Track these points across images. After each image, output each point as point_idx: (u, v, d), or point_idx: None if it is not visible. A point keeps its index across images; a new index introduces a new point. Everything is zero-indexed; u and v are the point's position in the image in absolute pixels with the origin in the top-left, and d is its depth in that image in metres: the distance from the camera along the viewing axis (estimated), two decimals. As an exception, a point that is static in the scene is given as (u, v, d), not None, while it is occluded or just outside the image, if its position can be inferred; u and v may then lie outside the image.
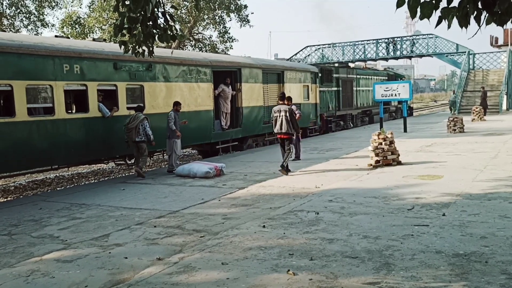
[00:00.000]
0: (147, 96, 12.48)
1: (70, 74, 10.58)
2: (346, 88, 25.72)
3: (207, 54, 16.75)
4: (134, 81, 12.16)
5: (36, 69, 9.95)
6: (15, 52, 9.52)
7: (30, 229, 6.87)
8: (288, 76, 18.96)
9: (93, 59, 11.07)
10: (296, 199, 7.97)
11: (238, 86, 16.07)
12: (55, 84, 10.26)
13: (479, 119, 23.69)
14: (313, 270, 4.62)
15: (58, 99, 10.29)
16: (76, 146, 10.69)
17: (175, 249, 5.56)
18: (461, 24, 3.74)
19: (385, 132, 11.23)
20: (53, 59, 10.23)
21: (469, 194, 7.62)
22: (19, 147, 9.60)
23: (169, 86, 13.23)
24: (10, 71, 9.46)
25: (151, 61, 12.19)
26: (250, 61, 17.56)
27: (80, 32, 27.53)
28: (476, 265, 4.53)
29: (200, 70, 14.34)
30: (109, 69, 11.45)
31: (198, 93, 14.26)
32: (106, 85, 11.53)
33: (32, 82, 9.92)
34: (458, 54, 34.72)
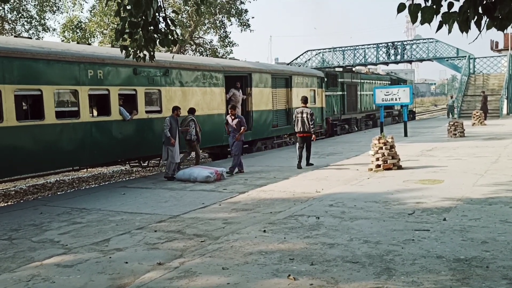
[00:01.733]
0: (164, 100, 12.95)
1: (94, 79, 11.05)
2: (351, 92, 26.04)
3: (219, 60, 17.13)
4: (152, 85, 12.68)
5: (63, 74, 10.43)
6: (45, 59, 10.03)
7: (30, 233, 6.86)
8: (295, 81, 19.38)
9: (115, 65, 11.52)
10: (296, 204, 7.96)
11: (248, 91, 16.50)
12: (80, 89, 10.74)
13: (479, 124, 23.70)
14: (313, 275, 4.61)
15: (83, 103, 10.77)
16: (99, 147, 11.16)
17: (175, 254, 5.55)
18: (462, 29, 3.75)
19: (385, 136, 11.24)
20: (78, 65, 10.71)
21: (470, 199, 7.62)
22: (48, 149, 10.10)
23: (185, 91, 13.71)
24: (40, 77, 9.96)
25: (168, 66, 12.94)
26: (260, 66, 18.03)
27: (81, 37, 27.60)
28: (477, 270, 4.52)
29: (213, 75, 14.81)
30: (129, 74, 11.95)
31: (211, 97, 14.73)
32: (127, 89, 12.03)
33: (60, 87, 10.52)
34: (458, 58, 34.77)
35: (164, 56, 13.92)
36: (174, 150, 11.38)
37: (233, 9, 29.99)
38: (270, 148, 18.09)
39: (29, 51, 9.88)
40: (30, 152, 9.79)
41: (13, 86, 9.47)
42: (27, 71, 9.77)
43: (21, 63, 9.64)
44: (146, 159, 13.32)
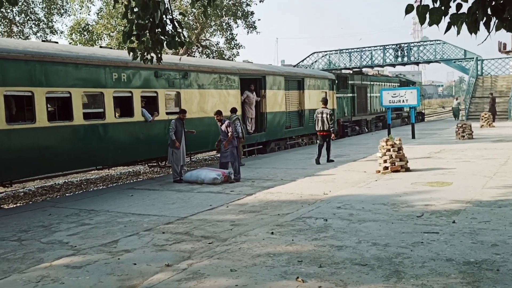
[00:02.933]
0: (183, 102, 13.41)
1: (118, 82, 11.56)
2: (361, 94, 26.29)
3: (235, 63, 17.61)
4: (172, 88, 13.17)
5: (90, 77, 10.94)
6: (74, 63, 10.54)
7: (39, 235, 6.90)
8: (307, 83, 19.86)
9: (137, 68, 11.91)
10: (304, 206, 7.95)
11: (262, 93, 16.91)
12: (106, 91, 11.24)
13: (488, 126, 23.56)
14: (322, 277, 4.60)
15: (108, 104, 11.27)
16: (122, 147, 11.65)
17: (183, 256, 5.56)
18: (471, 31, 3.73)
19: (393, 138, 11.20)
20: (104, 69, 11.21)
21: (479, 201, 7.56)
22: (76, 148, 10.60)
23: (202, 93, 14.23)
24: (69, 80, 10.47)
25: (186, 69, 13.50)
26: (273, 69, 18.64)
27: (88, 39, 27.75)
28: (487, 273, 4.49)
29: (229, 78, 15.33)
30: (150, 77, 12.43)
31: (228, 99, 15.17)
32: (148, 91, 12.50)
33: (87, 89, 10.96)
34: (466, 60, 34.63)
35: (183, 59, 14.35)
36: (179, 152, 11.38)
37: (239, 11, 30.03)
38: (283, 148, 18.53)
39: (59, 56, 10.34)
40: (59, 152, 10.26)
41: (44, 88, 9.93)
42: (57, 74, 10.25)
43: (52, 67, 10.13)
44: (164, 159, 13.72)
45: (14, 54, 9.50)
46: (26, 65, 9.66)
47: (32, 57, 9.76)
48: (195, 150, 14.18)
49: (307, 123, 19.80)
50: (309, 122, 19.93)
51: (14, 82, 9.54)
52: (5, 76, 9.34)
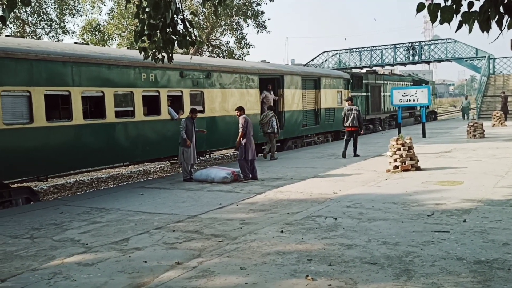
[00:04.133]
0: (206, 101, 14.04)
1: (147, 81, 12.13)
2: (375, 93, 26.51)
3: (254, 63, 17.99)
4: (196, 87, 13.74)
5: (121, 78, 11.52)
6: (106, 64, 11.13)
7: (51, 232, 6.98)
8: (323, 83, 20.31)
9: (164, 68, 12.40)
10: (314, 205, 7.95)
11: (280, 92, 17.41)
12: (135, 91, 11.83)
13: (499, 125, 23.34)
14: (332, 275, 4.60)
15: (138, 103, 11.85)
16: (149, 144, 12.14)
17: (193, 254, 5.59)
18: (483, 29, 3.71)
19: (403, 137, 11.14)
20: (134, 69, 11.79)
21: (491, 200, 7.51)
22: (108, 144, 11.22)
23: (224, 92, 14.80)
24: (102, 80, 11.08)
25: (210, 69, 14.10)
26: (291, 69, 19.21)
27: (100, 39, 27.95)
28: (498, 272, 4.46)
29: (249, 78, 15.92)
30: (176, 77, 13.02)
31: (248, 98, 15.78)
32: (174, 91, 13.07)
33: (118, 89, 11.49)
34: (477, 58, 34.32)
35: (206, 60, 15.13)
36: (189, 151, 11.42)
37: (250, 10, 30.06)
38: (299, 146, 18.99)
39: (94, 57, 10.92)
40: (93, 148, 10.84)
41: (80, 88, 10.54)
42: (92, 75, 10.85)
43: (87, 68, 10.74)
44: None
45: (53, 56, 10.08)
46: (64, 67, 10.26)
47: (69, 59, 10.32)
48: (216, 147, 14.72)
49: (323, 121, 20.21)
50: (325, 121, 20.39)
51: (54, 82, 10.12)
52: (46, 76, 9.94)
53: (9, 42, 9.85)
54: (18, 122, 9.48)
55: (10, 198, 9.91)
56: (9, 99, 9.36)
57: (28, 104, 9.62)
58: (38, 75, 9.82)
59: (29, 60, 9.62)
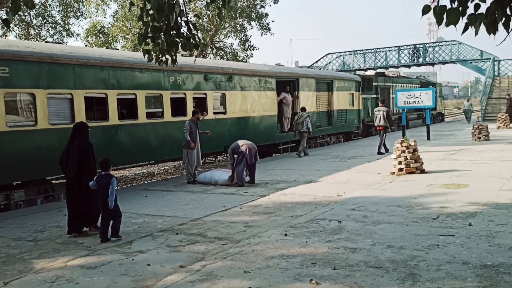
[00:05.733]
0: (228, 102, 14.70)
1: (174, 85, 12.79)
2: (384, 95, 26.70)
3: (272, 66, 18.53)
4: (219, 90, 14.40)
5: (151, 81, 12.19)
6: (139, 68, 11.70)
7: (55, 235, 6.97)
8: (336, 85, 20.93)
9: (190, 72, 13.26)
10: (318, 208, 7.91)
11: (296, 94, 18.04)
12: (164, 93, 12.46)
13: (504, 127, 23.23)
14: (336, 279, 4.56)
15: (166, 105, 12.48)
16: (176, 144, 12.44)
17: (197, 257, 5.56)
18: (489, 31, 3.66)
19: (408, 140, 11.09)
20: (163, 73, 12.40)
21: (496, 204, 7.45)
22: (140, 144, 11.82)
23: (244, 94, 15.45)
24: (134, 83, 11.72)
25: (231, 73, 14.89)
26: (306, 72, 20.05)
27: (104, 41, 28.00)
28: (505, 277, 4.41)
29: (267, 80, 16.57)
30: (201, 80, 13.71)
31: (266, 100, 16.47)
32: (199, 93, 13.72)
33: (149, 91, 12.15)
34: (482, 60, 34.19)
35: (228, 63, 15.79)
36: (193, 153, 11.39)
37: (254, 13, 30.05)
38: (313, 147, 19.40)
39: (128, 62, 11.58)
40: (126, 147, 11.46)
41: (116, 91, 11.21)
42: (126, 78, 11.52)
43: (122, 72, 11.41)
44: (205, 156, 15.02)
45: (93, 61, 10.77)
46: (102, 71, 10.96)
47: (106, 63, 11.02)
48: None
49: (336, 123, 20.79)
50: (337, 122, 20.93)
51: (92, 85, 10.80)
52: (86, 80, 10.60)
53: (53, 48, 10.53)
54: (61, 122, 10.10)
55: (53, 193, 10.56)
56: (54, 101, 10.02)
57: (70, 106, 10.29)
58: (79, 79, 10.49)
59: (72, 65, 10.31)
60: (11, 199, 9.60)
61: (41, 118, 9.66)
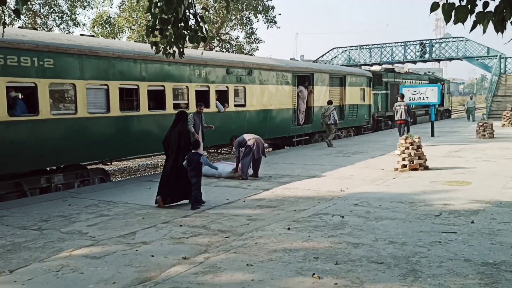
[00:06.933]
0: (247, 95, 15.28)
1: (199, 77, 13.36)
2: (393, 91, 26.97)
3: (288, 61, 19.13)
4: (239, 83, 14.98)
5: (179, 74, 12.73)
6: (167, 61, 11.97)
7: (59, 224, 7.03)
8: (348, 80, 21.49)
9: (213, 65, 13.85)
10: (321, 202, 7.94)
11: (310, 88, 18.64)
12: (190, 86, 13.05)
13: (509, 125, 23.16)
14: (338, 274, 4.60)
15: (191, 97, 13.03)
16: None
17: (200, 249, 5.61)
18: (497, 29, 3.66)
19: (412, 136, 11.08)
20: (189, 66, 12.99)
21: (499, 202, 7.46)
22: None
23: (262, 88, 16.03)
24: (163, 75, 12.30)
25: (251, 67, 15.42)
26: (320, 67, 20.58)
27: (110, 32, 28.01)
28: (506, 275, 4.44)
29: (284, 75, 17.12)
30: (223, 73, 14.27)
31: (282, 94, 17.02)
32: (221, 86, 14.24)
33: (176, 84, 12.74)
34: (489, 57, 34.00)
35: (248, 58, 16.43)
36: None
37: (260, 5, 29.97)
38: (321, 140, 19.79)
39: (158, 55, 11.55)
40: (155, 136, 11.65)
41: (146, 82, 11.78)
42: (156, 71, 12.05)
43: (152, 64, 11.94)
44: (222, 146, 15.76)
45: (127, 54, 11.33)
46: (134, 63, 11.50)
47: (139, 56, 11.51)
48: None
49: (347, 117, 21.30)
50: (349, 116, 21.42)
51: (126, 77, 11.36)
52: (120, 72, 11.18)
53: (91, 41, 11.12)
54: (98, 111, 10.76)
55: (88, 178, 11.22)
56: (91, 92, 10.61)
57: (106, 96, 10.88)
58: (114, 71, 11.07)
59: (108, 58, 10.90)
60: (51, 182, 10.32)
61: (80, 107, 10.30)
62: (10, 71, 9.12)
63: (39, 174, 10.25)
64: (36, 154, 9.58)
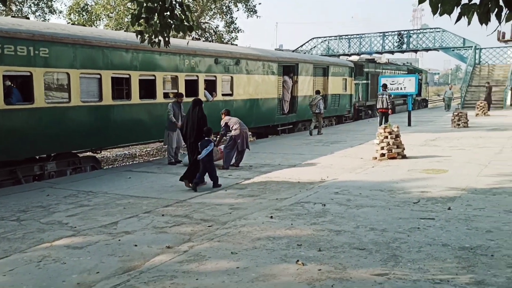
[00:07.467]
0: (235, 85, 15.51)
1: (188, 67, 13.54)
2: (374, 81, 27.43)
3: (274, 51, 19.55)
4: (227, 73, 15.19)
5: (169, 64, 12.86)
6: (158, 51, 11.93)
7: (38, 215, 6.93)
8: (331, 70, 21.90)
9: (202, 55, 14.06)
10: (302, 191, 8.02)
11: (295, 78, 18.95)
12: (180, 75, 13.22)
13: (483, 114, 23.67)
14: (321, 260, 4.68)
15: (181, 86, 13.17)
16: None
17: (184, 238, 5.62)
18: (482, 21, 3.74)
19: (391, 125, 11.25)
20: (179, 56, 13.17)
21: (474, 189, 7.66)
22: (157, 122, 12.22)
23: (249, 78, 16.26)
24: (154, 65, 12.40)
25: (238, 57, 15.59)
26: (304, 57, 21.19)
27: (87, 19, 27.45)
28: (482, 259, 4.59)
29: (270, 65, 17.40)
30: (211, 63, 14.44)
31: (268, 84, 17.31)
32: (210, 76, 14.50)
33: (166, 73, 12.88)
34: (464, 48, 34.57)
35: (235, 48, 16.46)
36: (174, 135, 11.44)
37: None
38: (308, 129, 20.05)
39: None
40: (146, 124, 12.16)
41: (138, 72, 11.90)
42: (147, 60, 12.20)
43: (144, 54, 12.04)
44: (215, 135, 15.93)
45: (119, 44, 11.44)
46: (126, 53, 11.69)
47: (131, 46, 11.54)
48: None
49: (330, 106, 21.66)
50: (331, 106, 21.81)
51: (118, 66, 11.50)
52: (112, 61, 11.33)
53: (85, 31, 11.35)
54: (91, 100, 10.92)
55: (80, 165, 11.36)
56: (85, 81, 10.75)
57: (99, 85, 11.02)
58: (107, 60, 11.20)
59: (101, 47, 11.02)
60: (45, 170, 10.45)
61: (74, 95, 10.45)
62: (7, 60, 9.22)
63: (33, 162, 10.37)
64: (31, 142, 9.74)
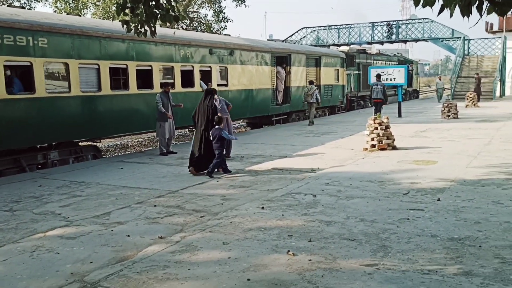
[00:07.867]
0: (229, 75, 15.76)
1: (184, 58, 13.74)
2: (365, 71, 27.52)
3: (267, 42, 19.87)
4: (222, 63, 15.44)
5: (164, 54, 13.07)
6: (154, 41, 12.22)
7: (31, 205, 6.94)
8: (324, 61, 22.13)
9: (197, 46, 14.30)
10: (293, 182, 8.09)
11: (288, 69, 19.22)
12: (175, 65, 13.47)
13: (472, 105, 23.89)
14: (312, 251, 4.75)
15: (177, 76, 13.50)
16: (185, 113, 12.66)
17: (176, 229, 5.67)
18: (463, 13, 3.81)
19: (381, 116, 11.34)
20: (174, 46, 13.41)
21: (463, 180, 7.78)
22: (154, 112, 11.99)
23: (243, 68, 16.51)
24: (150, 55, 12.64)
25: (232, 47, 15.86)
26: (297, 48, 21.24)
27: (73, 8, 27.16)
28: (470, 249, 4.69)
29: (264, 56, 17.65)
30: (206, 54, 14.68)
31: (262, 74, 17.55)
32: (205, 66, 14.69)
33: (162, 63, 13.16)
34: (453, 39, 34.76)
35: (230, 39, 16.75)
36: (165, 126, 11.45)
37: (229, -17, 29.59)
38: (302, 119, 20.60)
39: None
40: (143, 114, 12.38)
41: (135, 62, 12.13)
42: (144, 50, 12.44)
43: (140, 44, 12.24)
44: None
45: (116, 34, 11.53)
46: (123, 43, 11.87)
47: (127, 36, 11.55)
48: (235, 117, 15.86)
49: (323, 97, 21.66)
50: (324, 96, 21.80)
51: (115, 57, 11.69)
52: (110, 52, 11.52)
53: (82, 21, 11.39)
54: (90, 90, 11.12)
55: (82, 154, 11.62)
56: (84, 71, 10.96)
57: (97, 75, 11.25)
58: (104, 51, 11.40)
59: (98, 38, 11.23)
60: (48, 158, 10.69)
61: (73, 85, 10.67)
62: (7, 50, 9.38)
63: (36, 151, 10.64)
64: (33, 131, 9.94)
